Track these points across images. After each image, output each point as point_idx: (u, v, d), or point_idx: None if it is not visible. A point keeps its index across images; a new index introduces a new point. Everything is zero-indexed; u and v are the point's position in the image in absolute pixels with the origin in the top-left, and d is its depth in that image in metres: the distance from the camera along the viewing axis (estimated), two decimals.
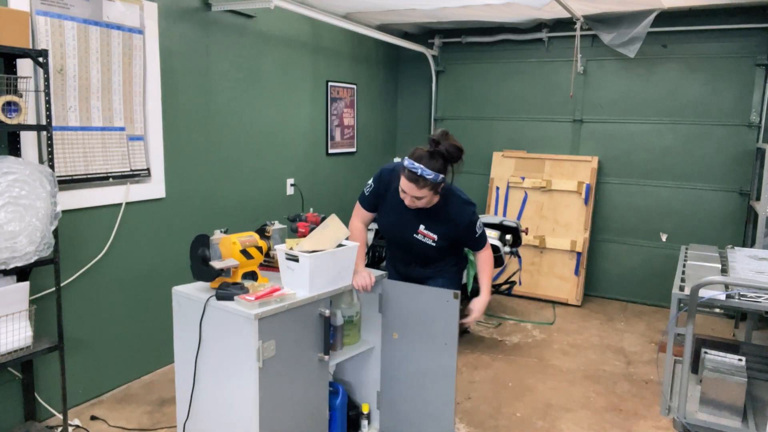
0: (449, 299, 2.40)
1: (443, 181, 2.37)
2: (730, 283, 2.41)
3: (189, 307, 2.33)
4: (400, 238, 2.60)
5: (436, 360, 2.49)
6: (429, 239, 2.51)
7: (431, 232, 2.50)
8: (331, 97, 4.96)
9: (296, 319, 2.25)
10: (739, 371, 2.42)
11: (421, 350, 2.53)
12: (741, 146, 4.70)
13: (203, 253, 2.28)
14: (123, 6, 3.10)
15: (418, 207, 2.42)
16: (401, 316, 2.56)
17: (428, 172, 2.28)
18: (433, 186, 2.33)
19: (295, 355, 2.27)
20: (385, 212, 2.59)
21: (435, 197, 2.42)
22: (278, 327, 2.17)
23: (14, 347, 2.50)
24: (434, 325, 2.47)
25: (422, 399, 2.56)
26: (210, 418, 2.35)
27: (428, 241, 2.51)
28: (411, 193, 2.34)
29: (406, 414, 2.63)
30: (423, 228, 2.50)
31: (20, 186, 2.39)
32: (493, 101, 5.61)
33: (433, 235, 2.50)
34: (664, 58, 4.88)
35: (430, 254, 2.55)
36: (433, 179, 2.29)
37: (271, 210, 4.33)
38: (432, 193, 2.36)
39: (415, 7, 4.47)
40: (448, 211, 2.47)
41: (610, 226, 5.22)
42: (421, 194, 2.33)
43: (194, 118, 3.64)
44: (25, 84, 2.57)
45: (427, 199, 2.38)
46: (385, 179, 2.56)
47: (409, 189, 2.34)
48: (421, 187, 2.31)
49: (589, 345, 4.17)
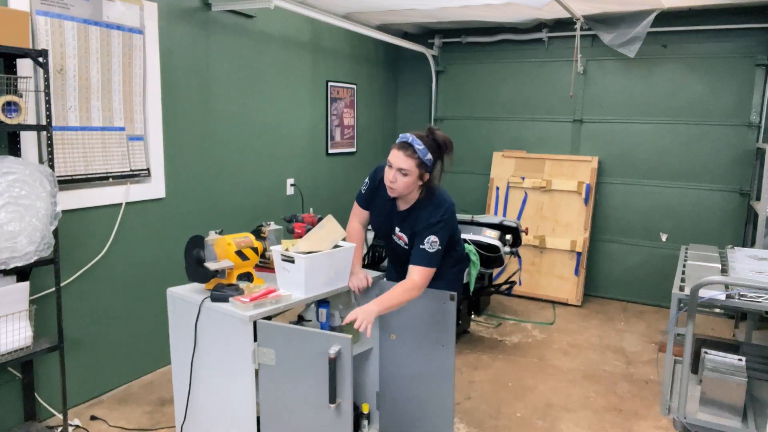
0: (446, 301, 2.39)
1: (430, 169, 2.30)
2: (730, 283, 2.41)
3: (184, 309, 2.32)
4: (386, 239, 2.57)
5: (433, 361, 2.48)
6: (402, 241, 2.46)
7: (403, 234, 2.45)
8: (331, 97, 4.96)
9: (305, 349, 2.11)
10: (739, 371, 2.42)
11: (418, 351, 2.52)
12: (741, 146, 4.69)
13: (198, 255, 2.28)
14: (123, 6, 3.11)
15: (396, 191, 2.32)
16: (398, 317, 2.55)
17: (419, 143, 2.25)
18: (420, 163, 2.25)
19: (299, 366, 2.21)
20: (375, 211, 2.58)
21: (416, 186, 2.33)
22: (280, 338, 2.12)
23: (14, 347, 2.50)
24: (431, 326, 2.46)
25: (421, 400, 2.56)
26: (207, 419, 2.35)
27: (401, 243, 2.46)
28: (396, 164, 2.26)
29: (406, 414, 2.63)
30: (398, 230, 2.47)
31: (20, 186, 2.39)
32: (493, 101, 5.61)
33: (405, 237, 2.44)
34: (664, 58, 4.87)
35: (407, 258, 2.41)
36: (421, 153, 2.24)
37: (271, 210, 4.33)
38: (417, 174, 2.27)
39: (415, 7, 4.47)
40: (420, 214, 2.38)
41: (610, 226, 5.22)
42: (406, 165, 2.24)
43: (194, 118, 3.65)
44: (25, 84, 2.57)
45: (410, 179, 2.27)
46: (380, 177, 2.52)
47: (395, 159, 2.26)
48: (407, 155, 2.24)
49: (589, 345, 4.17)
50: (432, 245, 2.31)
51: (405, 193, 2.36)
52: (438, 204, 2.37)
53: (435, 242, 2.31)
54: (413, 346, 2.53)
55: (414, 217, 2.40)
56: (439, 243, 2.32)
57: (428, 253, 2.31)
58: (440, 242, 2.32)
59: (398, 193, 2.34)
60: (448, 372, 2.46)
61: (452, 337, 2.43)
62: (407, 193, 2.36)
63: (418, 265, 2.31)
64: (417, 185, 2.34)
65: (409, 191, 2.35)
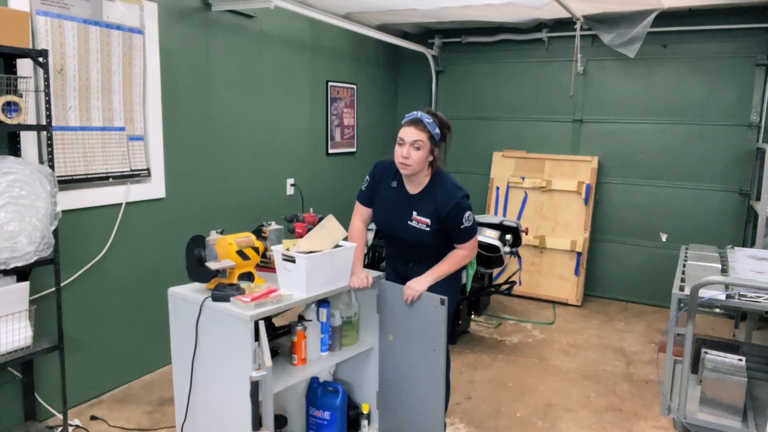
0: (436, 305, 2.39)
1: (438, 144, 2.41)
2: (730, 283, 2.41)
3: (185, 309, 2.32)
4: (396, 231, 2.57)
5: (425, 364, 2.48)
6: (422, 224, 2.48)
7: (423, 216, 2.47)
8: (331, 97, 4.96)
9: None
10: (739, 371, 2.42)
11: (412, 354, 2.52)
12: (741, 146, 4.70)
13: (199, 254, 2.28)
14: (123, 6, 3.11)
15: (410, 168, 2.38)
16: (395, 318, 2.56)
17: (428, 117, 2.38)
18: (430, 136, 2.37)
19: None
20: (379, 205, 2.58)
21: (426, 164, 2.42)
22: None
23: (14, 347, 2.50)
24: (424, 329, 2.45)
25: (414, 402, 2.56)
26: (208, 419, 2.35)
27: (422, 227, 2.48)
28: (409, 137, 2.36)
29: (402, 414, 2.63)
30: (416, 214, 2.48)
31: (20, 186, 2.39)
32: (493, 101, 5.61)
33: (426, 219, 2.47)
34: (664, 58, 4.87)
35: (427, 243, 2.49)
36: (431, 127, 2.37)
37: (271, 210, 4.33)
38: (428, 148, 2.38)
39: (415, 7, 4.47)
40: (436, 194, 2.46)
41: (610, 226, 5.22)
42: (418, 137, 2.35)
43: (194, 118, 3.65)
44: (25, 84, 2.57)
45: (423, 152, 2.37)
46: (380, 171, 2.57)
47: (407, 133, 2.37)
48: (419, 129, 2.36)
49: (589, 345, 4.17)
50: (468, 219, 2.44)
51: (418, 170, 2.42)
52: (454, 184, 2.48)
53: (470, 216, 2.45)
54: (408, 348, 2.53)
55: (430, 196, 2.46)
56: (472, 215, 2.47)
57: (469, 228, 2.46)
58: (472, 213, 2.47)
59: (412, 170, 2.40)
60: (439, 376, 2.45)
61: (442, 342, 2.42)
62: (420, 169, 2.42)
63: (467, 241, 2.49)
64: (427, 163, 2.43)
65: (422, 168, 2.42)
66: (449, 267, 2.50)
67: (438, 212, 2.44)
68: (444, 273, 2.49)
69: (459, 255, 2.51)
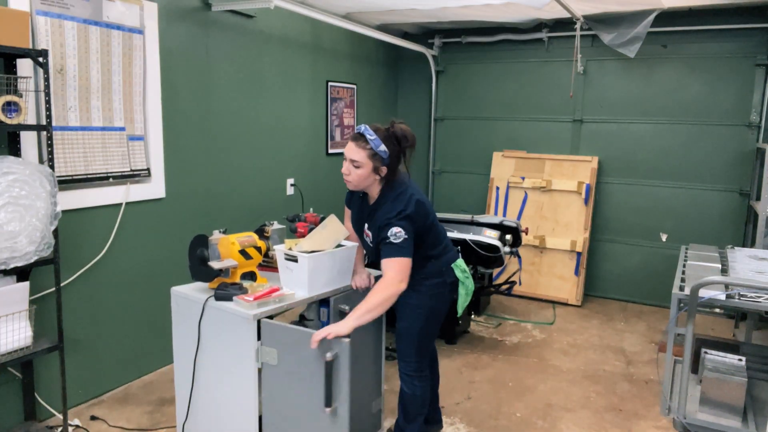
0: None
1: (386, 161, 2.25)
2: (730, 283, 2.41)
3: (188, 308, 2.33)
4: (361, 240, 2.53)
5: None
6: (368, 238, 2.41)
7: (371, 230, 2.38)
8: (331, 97, 4.96)
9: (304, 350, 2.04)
10: (739, 371, 2.42)
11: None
12: (741, 146, 4.70)
13: (202, 254, 2.28)
14: (123, 6, 3.10)
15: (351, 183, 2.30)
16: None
17: (371, 133, 2.22)
18: (372, 154, 2.22)
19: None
20: (352, 213, 2.57)
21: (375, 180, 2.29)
22: (282, 337, 2.11)
23: (14, 347, 2.50)
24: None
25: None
26: (209, 418, 2.35)
27: (368, 241, 2.42)
28: (348, 155, 2.25)
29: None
30: (366, 227, 2.42)
31: (20, 186, 2.39)
32: (493, 101, 5.61)
33: (371, 233, 2.38)
34: (664, 58, 4.87)
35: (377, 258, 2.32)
36: (373, 144, 2.21)
37: (272, 210, 4.33)
38: (370, 166, 2.23)
39: (415, 7, 4.47)
40: (382, 208, 2.31)
41: (610, 226, 5.22)
42: (357, 156, 2.22)
43: (194, 118, 3.64)
44: (25, 84, 2.56)
45: (363, 171, 2.24)
46: None
47: (347, 149, 2.26)
48: (359, 146, 2.22)
49: (589, 345, 4.17)
50: (396, 236, 2.18)
51: (361, 186, 2.32)
52: (398, 198, 2.27)
53: (399, 232, 2.19)
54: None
55: (378, 210, 2.33)
56: (404, 232, 2.19)
57: (395, 244, 2.18)
58: (406, 232, 2.20)
59: (354, 186, 2.33)
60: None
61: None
62: (364, 186, 2.32)
63: (388, 257, 2.19)
64: (374, 178, 2.30)
65: (366, 184, 2.31)
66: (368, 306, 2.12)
67: (378, 228, 2.29)
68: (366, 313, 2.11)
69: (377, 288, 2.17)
